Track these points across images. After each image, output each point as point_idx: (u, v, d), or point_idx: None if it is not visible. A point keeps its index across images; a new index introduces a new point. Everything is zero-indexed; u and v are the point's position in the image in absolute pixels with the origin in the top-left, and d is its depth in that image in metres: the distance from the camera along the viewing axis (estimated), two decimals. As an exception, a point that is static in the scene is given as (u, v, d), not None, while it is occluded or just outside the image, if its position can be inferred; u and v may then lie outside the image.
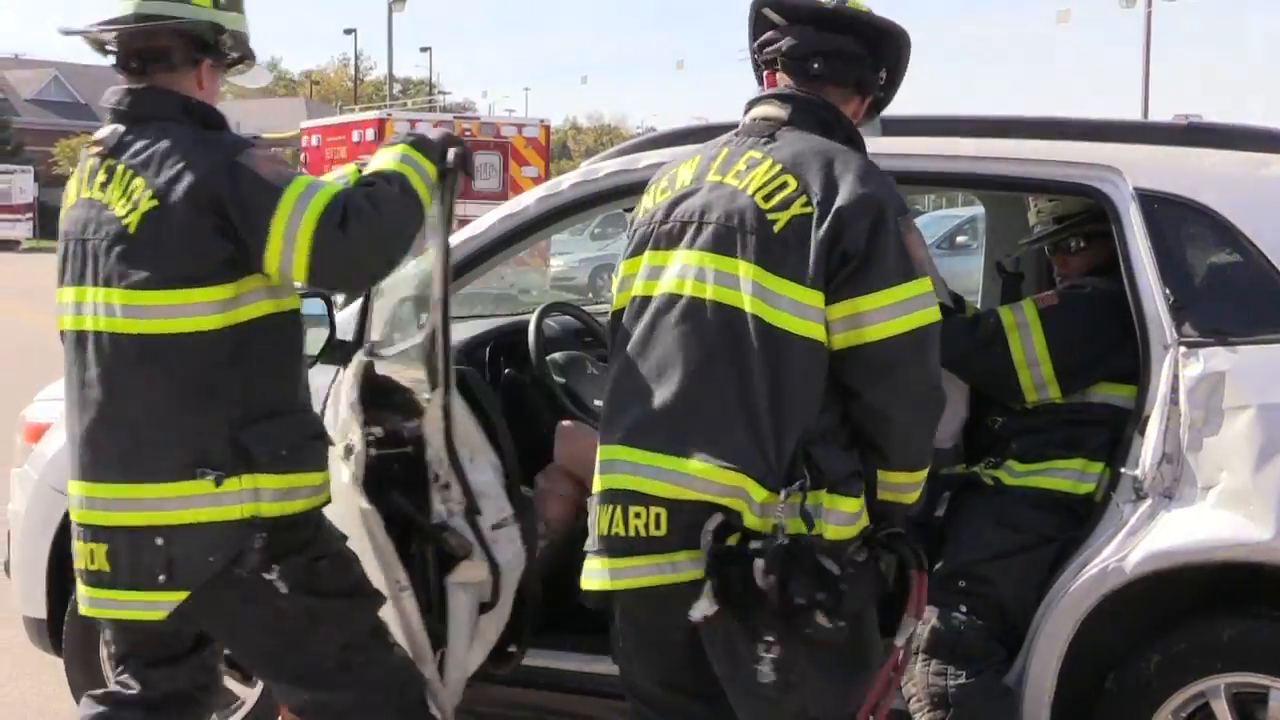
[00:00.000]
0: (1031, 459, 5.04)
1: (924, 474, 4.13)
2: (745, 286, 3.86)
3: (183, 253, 4.05)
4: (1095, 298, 5.12)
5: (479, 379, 4.92)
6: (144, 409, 4.14)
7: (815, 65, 4.11)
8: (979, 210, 9.65)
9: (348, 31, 79.74)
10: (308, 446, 4.28)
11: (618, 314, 4.14)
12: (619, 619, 4.09)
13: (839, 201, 3.82)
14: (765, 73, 4.25)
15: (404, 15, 62.68)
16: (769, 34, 4.20)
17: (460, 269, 5.50)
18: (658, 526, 3.83)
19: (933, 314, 3.88)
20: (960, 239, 25.63)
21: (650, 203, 4.17)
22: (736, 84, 4.35)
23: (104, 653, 5.81)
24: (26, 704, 4.56)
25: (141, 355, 4.11)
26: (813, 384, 3.85)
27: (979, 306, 5.92)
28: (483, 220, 5.65)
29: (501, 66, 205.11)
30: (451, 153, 4.37)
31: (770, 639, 3.76)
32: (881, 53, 4.19)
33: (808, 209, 3.85)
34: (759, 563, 3.67)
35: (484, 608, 4.78)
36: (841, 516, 3.87)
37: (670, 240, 4.03)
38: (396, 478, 4.71)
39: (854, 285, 3.81)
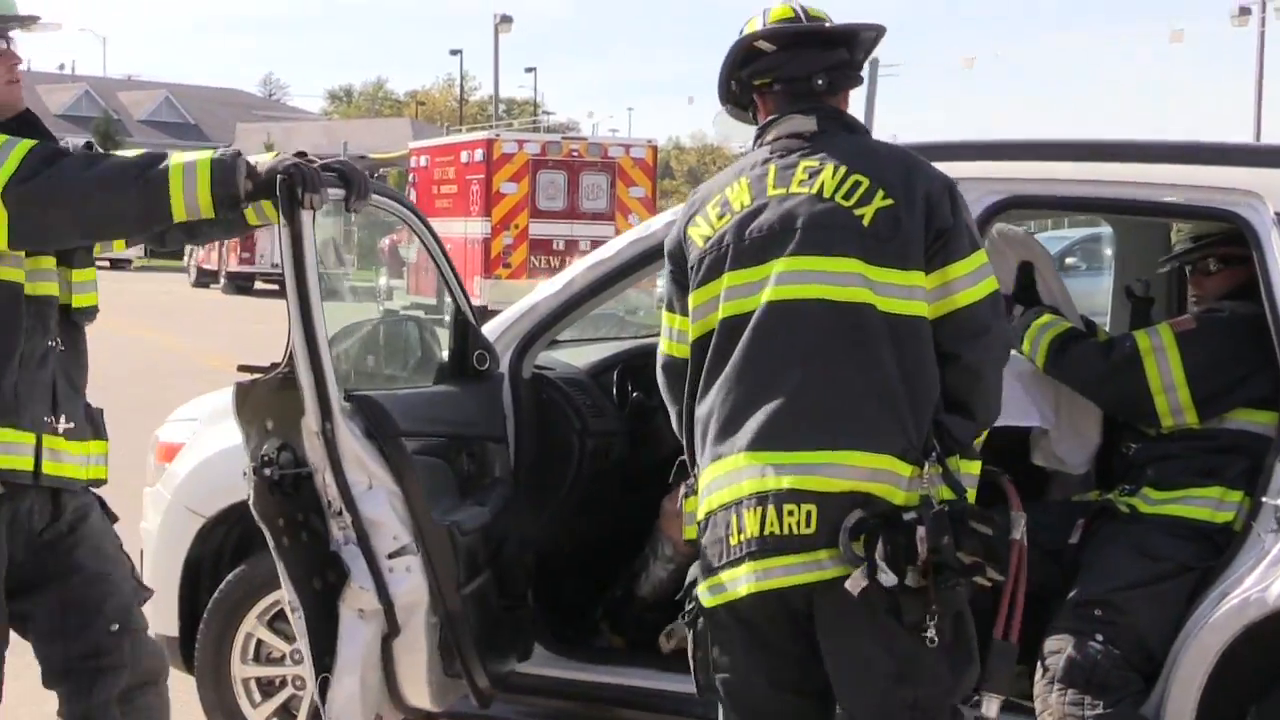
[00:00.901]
0: (1168, 486, 4.98)
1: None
2: (853, 280, 4.04)
3: None
4: (1233, 322, 5.05)
5: (379, 407, 4.83)
6: None
7: (819, 82, 4.29)
8: (1089, 231, 9.55)
9: (454, 52, 79.86)
10: None
11: (700, 341, 4.22)
12: (726, 624, 4.13)
13: (923, 187, 4.11)
14: (756, 97, 4.41)
15: (509, 36, 62.88)
16: (761, 62, 4.35)
17: (593, 291, 5.57)
18: (808, 524, 3.91)
19: (995, 282, 4.19)
20: (1070, 260, 25.41)
21: (708, 230, 4.24)
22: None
23: (235, 671, 5.88)
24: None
25: None
26: (933, 358, 4.08)
27: (1108, 331, 5.85)
28: (614, 243, 5.65)
29: (606, 86, 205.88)
30: (275, 176, 4.22)
31: (934, 609, 3.89)
32: (861, 54, 4.43)
33: (888, 201, 4.06)
34: (921, 530, 3.81)
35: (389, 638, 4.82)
36: (971, 479, 4.13)
37: (756, 256, 4.13)
38: (312, 501, 4.75)
39: (944, 255, 4.09)
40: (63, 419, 4.45)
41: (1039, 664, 4.82)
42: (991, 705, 4.35)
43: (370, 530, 4.72)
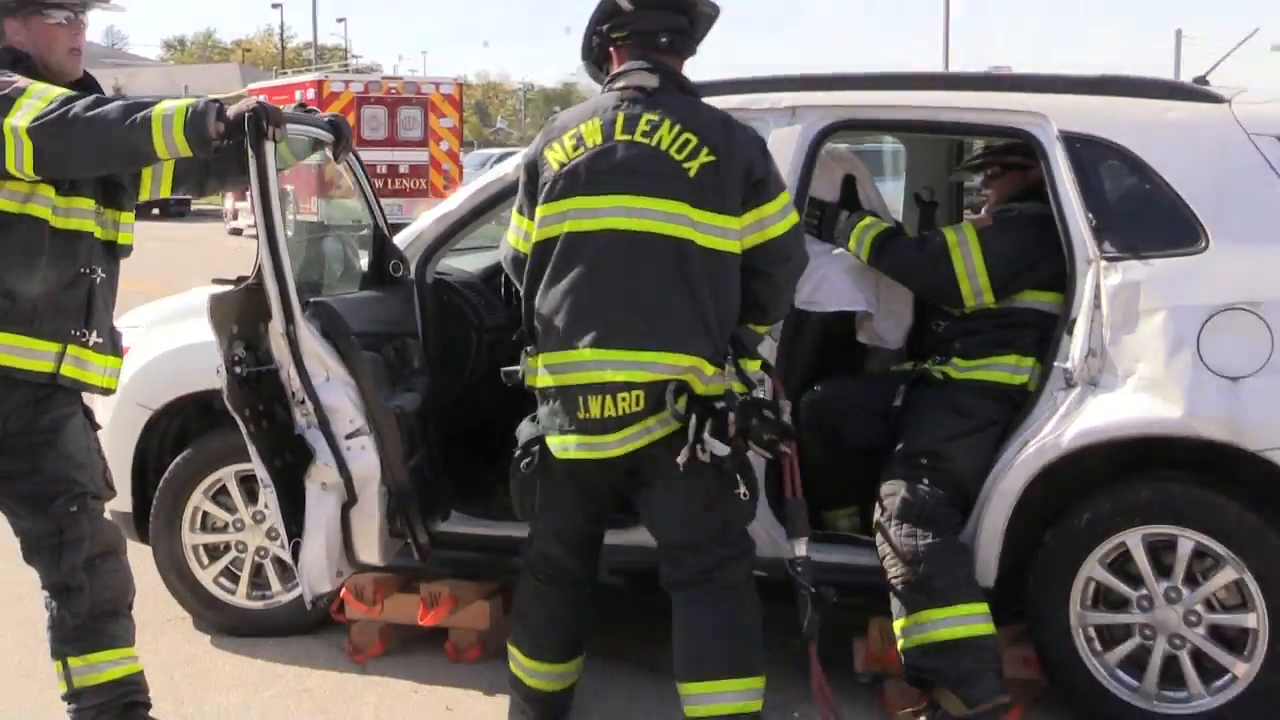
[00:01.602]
0: (973, 356, 5.08)
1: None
2: (680, 220, 4.33)
3: None
4: (1023, 219, 5.15)
5: (333, 311, 4.80)
6: None
7: (664, 40, 4.53)
8: (869, 146, 9.66)
9: (275, 5, 78.01)
10: None
11: (543, 244, 4.46)
12: (558, 473, 4.49)
13: (739, 145, 4.41)
14: (612, 49, 4.61)
15: (323, -9, 61.36)
16: (618, 19, 4.56)
17: (483, 209, 5.55)
18: (638, 404, 4.30)
19: (796, 216, 4.58)
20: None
21: (563, 156, 4.46)
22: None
23: (185, 539, 5.76)
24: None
25: None
26: (736, 285, 4.42)
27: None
28: (500, 168, 5.62)
29: (404, 33, 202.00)
30: (244, 115, 4.22)
31: (738, 472, 4.37)
32: (700, 26, 4.65)
33: (712, 157, 4.35)
34: (731, 415, 4.25)
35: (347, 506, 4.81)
36: (755, 375, 4.54)
37: (601, 187, 4.38)
38: (276, 392, 4.74)
39: (757, 198, 4.41)
40: (94, 334, 4.42)
41: (876, 505, 4.91)
42: (800, 546, 4.63)
43: (330, 416, 4.67)
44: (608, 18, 4.60)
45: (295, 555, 4.73)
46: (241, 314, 4.64)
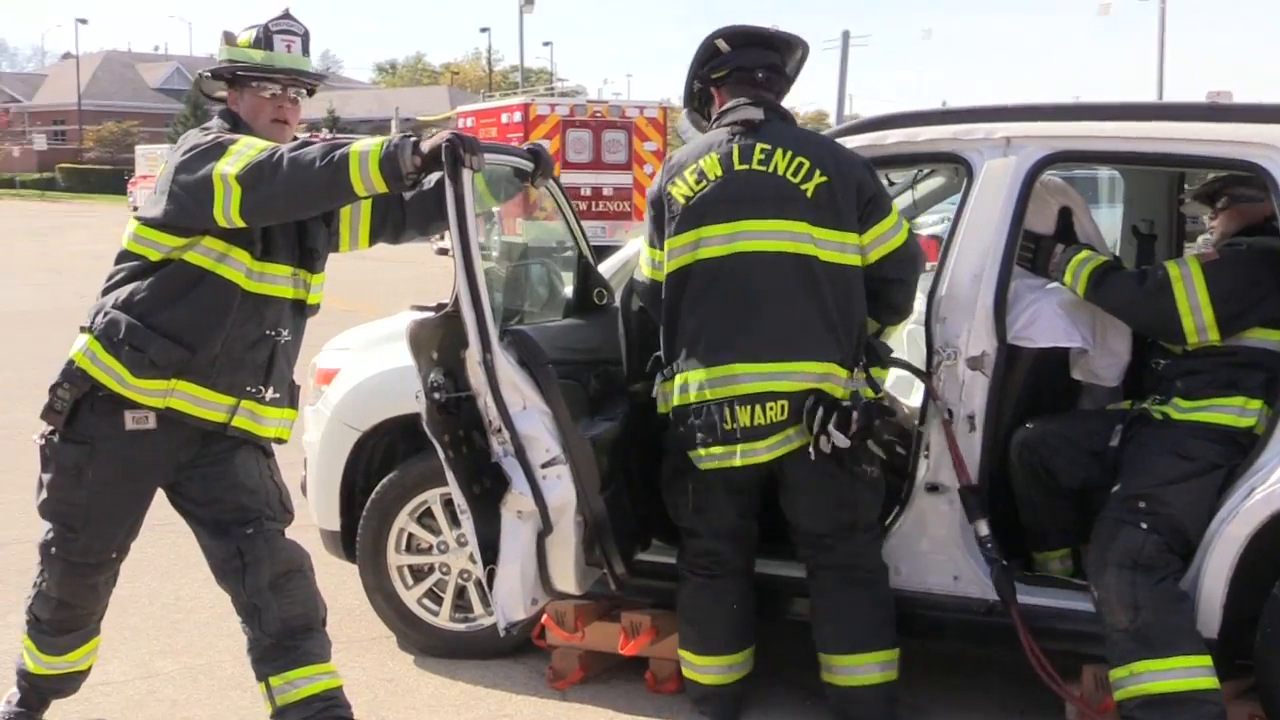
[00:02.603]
0: (1195, 396, 4.87)
1: None
2: (803, 238, 4.77)
3: None
4: (1251, 253, 4.92)
5: (530, 340, 4.81)
6: None
7: (760, 75, 5.00)
8: (1084, 173, 9.36)
9: (483, 29, 79.76)
10: None
11: (678, 273, 4.89)
12: (712, 481, 4.89)
13: (848, 167, 4.85)
14: (714, 90, 5.09)
15: (531, 15, 62.46)
16: (717, 60, 5.05)
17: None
18: (782, 414, 4.73)
19: (908, 224, 5.04)
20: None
21: (688, 190, 4.89)
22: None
23: (390, 560, 5.81)
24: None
25: None
26: (861, 295, 4.86)
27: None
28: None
29: (609, 57, 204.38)
30: (440, 147, 4.26)
31: (861, 466, 4.78)
32: (792, 64, 5.15)
33: (825, 178, 4.78)
34: (855, 414, 4.63)
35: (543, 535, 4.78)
36: (882, 381, 5.00)
37: (728, 215, 4.81)
38: (475, 420, 4.71)
39: (875, 215, 4.84)
40: (270, 390, 4.59)
41: (1090, 548, 4.73)
42: (982, 526, 4.89)
43: (526, 444, 4.65)
44: (708, 59, 5.08)
45: (490, 582, 4.72)
46: (441, 341, 4.65)
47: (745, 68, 5.02)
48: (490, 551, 4.72)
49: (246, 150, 4.27)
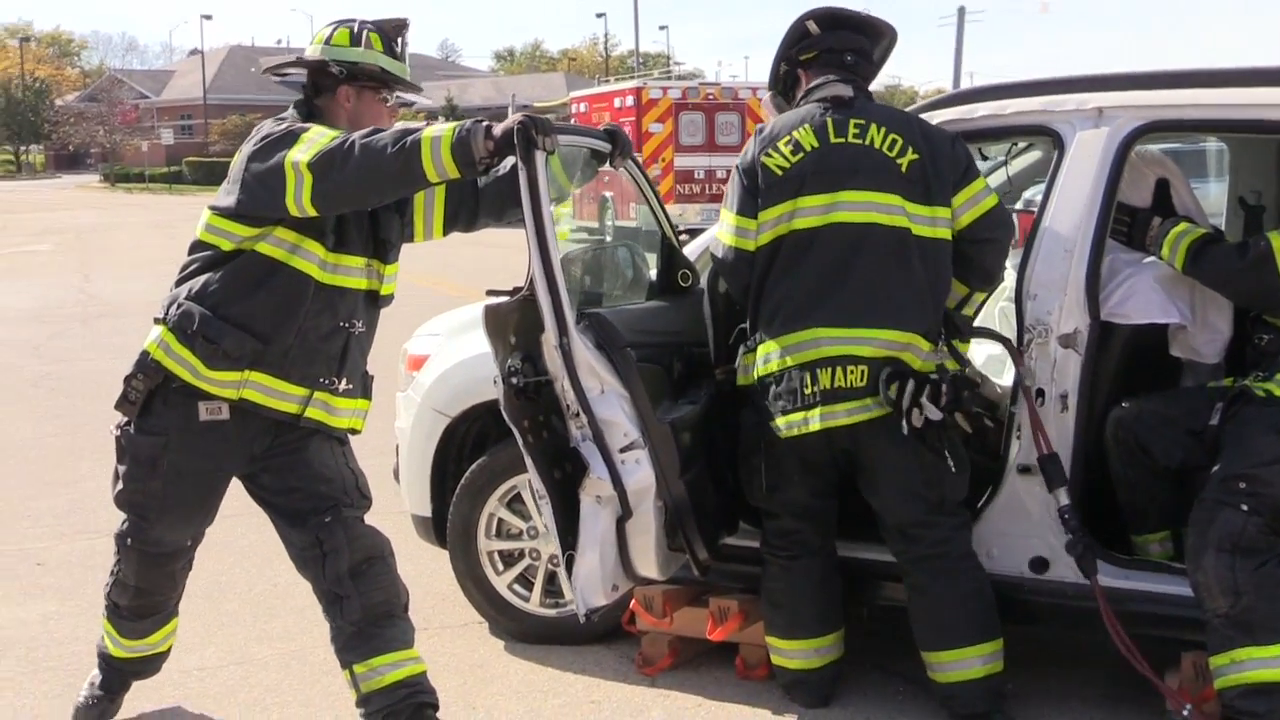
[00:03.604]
0: (1300, 373, 4.68)
1: None
2: (897, 211, 4.77)
3: None
4: (1358, 225, 4.72)
5: (608, 323, 4.73)
6: None
7: (849, 58, 5.03)
8: (1187, 146, 9.08)
9: (599, 15, 79.84)
10: None
11: (769, 244, 4.88)
12: (785, 453, 4.86)
13: (938, 142, 4.86)
14: (800, 72, 5.09)
15: None
16: (806, 41, 5.06)
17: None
18: (862, 379, 4.68)
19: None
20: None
21: (783, 161, 4.86)
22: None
23: (480, 545, 5.80)
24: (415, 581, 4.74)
25: None
26: (949, 269, 4.86)
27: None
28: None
29: (726, 39, 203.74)
30: (512, 130, 4.19)
31: (948, 445, 4.69)
32: (878, 50, 5.17)
33: (916, 155, 4.80)
34: (944, 387, 4.58)
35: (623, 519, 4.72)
36: (963, 356, 4.95)
37: (824, 185, 4.81)
38: (554, 404, 4.64)
39: (967, 179, 4.85)
40: (344, 382, 4.59)
41: (1189, 529, 4.58)
42: (1062, 495, 4.76)
43: (604, 429, 4.59)
44: (796, 41, 5.08)
45: (569, 568, 4.67)
46: (519, 325, 4.60)
47: (834, 50, 5.03)
48: (570, 537, 4.66)
49: (318, 138, 4.26)
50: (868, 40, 5.11)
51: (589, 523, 4.65)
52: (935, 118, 5.19)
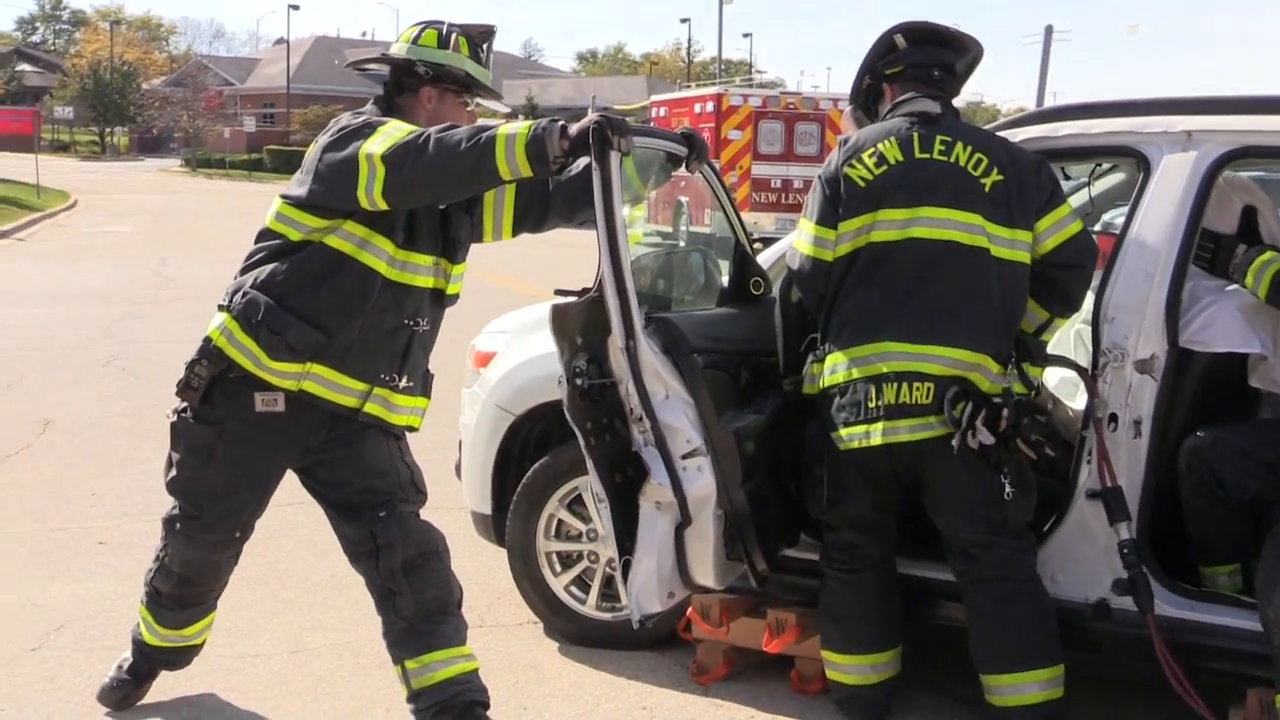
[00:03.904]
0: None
1: None
2: (977, 231, 4.71)
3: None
4: None
5: (675, 328, 4.68)
6: None
7: (936, 74, 4.97)
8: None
9: (683, 20, 80.00)
10: None
11: (847, 255, 4.83)
12: (845, 468, 4.81)
13: (1024, 166, 4.80)
14: (886, 86, 5.05)
15: (731, 6, 62.39)
16: (893, 55, 5.01)
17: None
18: (927, 397, 4.61)
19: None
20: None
21: (866, 173, 4.80)
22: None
23: (539, 545, 5.78)
24: (469, 577, 4.73)
25: None
26: (1025, 293, 4.79)
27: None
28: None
29: (809, 50, 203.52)
30: (588, 129, 4.18)
31: (1008, 467, 4.58)
32: (964, 65, 5.09)
33: (1001, 176, 4.73)
34: (1005, 410, 4.50)
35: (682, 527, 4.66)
36: (1036, 379, 4.83)
37: (906, 200, 4.75)
38: (618, 407, 4.59)
39: (1052, 204, 4.78)
40: (404, 379, 4.57)
41: (1260, 564, 4.49)
42: (1123, 529, 4.70)
43: (667, 434, 4.55)
44: (884, 54, 5.04)
45: (625, 573, 4.64)
46: (585, 326, 4.57)
47: (921, 65, 4.99)
48: (627, 542, 4.63)
49: (394, 132, 4.24)
50: (954, 55, 5.05)
51: (647, 528, 4.61)
52: (1019, 135, 5.13)
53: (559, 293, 4.79)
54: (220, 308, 4.51)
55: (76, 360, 13.10)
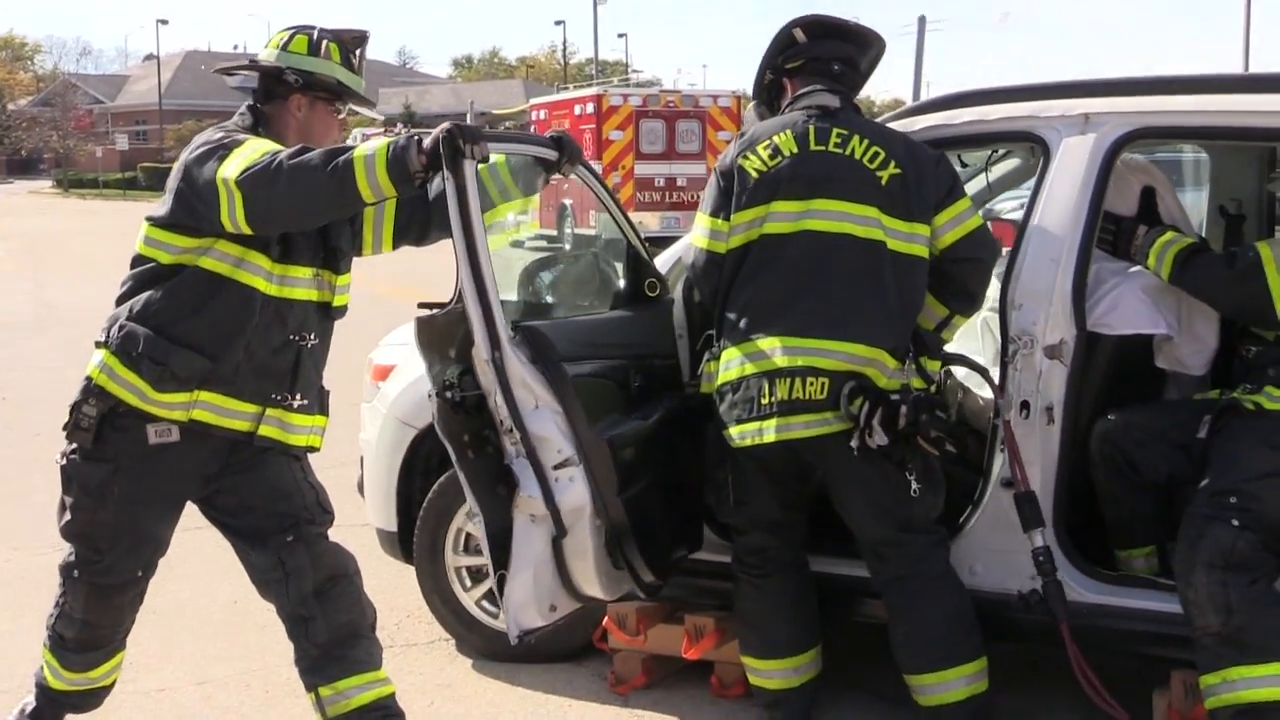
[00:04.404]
0: (1290, 385, 4.57)
1: None
2: (873, 223, 4.63)
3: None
4: (1348, 235, 4.63)
5: (542, 336, 4.56)
6: None
7: (836, 68, 4.90)
8: (1165, 155, 9.02)
9: (558, 22, 79.99)
10: None
11: (738, 248, 4.73)
12: (748, 468, 4.69)
13: (923, 160, 4.71)
14: (786, 80, 4.97)
15: (605, 6, 62.41)
16: (792, 49, 4.93)
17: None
18: (821, 392, 4.50)
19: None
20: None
21: (760, 165, 4.72)
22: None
23: (448, 560, 5.65)
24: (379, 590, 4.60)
25: None
26: (923, 287, 4.69)
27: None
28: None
29: (684, 49, 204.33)
30: (438, 139, 4.05)
31: (912, 464, 4.49)
32: (865, 60, 5.02)
33: (898, 170, 4.65)
34: (904, 408, 4.39)
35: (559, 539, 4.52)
36: (934, 373, 4.75)
37: (801, 192, 4.67)
38: (490, 419, 4.45)
39: (951, 198, 4.70)
40: (298, 397, 4.41)
41: (1178, 545, 4.47)
42: (1037, 536, 4.65)
43: (537, 445, 4.41)
44: (782, 49, 4.95)
45: (500, 588, 4.49)
46: (456, 338, 4.44)
47: (821, 59, 4.90)
48: (503, 556, 4.48)
49: (249, 153, 4.08)
50: (855, 49, 4.97)
51: (522, 542, 4.47)
52: (917, 123, 5.09)
53: (423, 306, 4.64)
54: (97, 344, 4.32)
55: (-46, 390, 12.70)
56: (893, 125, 5.05)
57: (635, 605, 5.29)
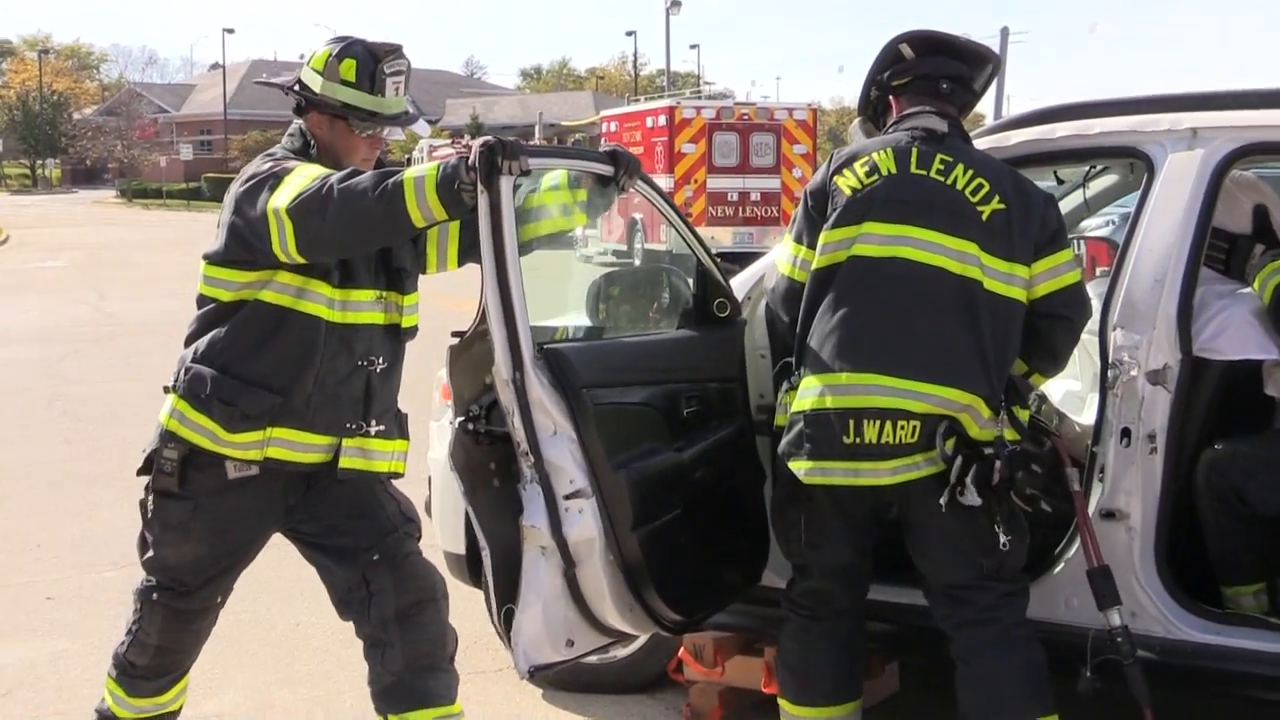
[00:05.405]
0: None
1: None
2: (970, 260, 4.39)
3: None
4: None
5: (566, 360, 4.42)
6: None
7: (945, 86, 4.64)
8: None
9: (629, 33, 79.96)
10: None
11: (825, 271, 4.51)
12: (825, 508, 4.48)
13: (1029, 198, 4.48)
14: (892, 98, 4.73)
15: (678, 17, 62.61)
16: (900, 65, 4.70)
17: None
18: (913, 436, 4.29)
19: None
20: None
21: (856, 182, 4.51)
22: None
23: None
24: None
25: None
26: (1019, 333, 4.45)
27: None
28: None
29: (757, 60, 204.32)
30: (475, 156, 3.97)
31: (1000, 515, 4.28)
32: (979, 78, 4.75)
33: (1002, 205, 4.40)
34: (998, 463, 4.20)
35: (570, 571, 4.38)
36: (1023, 426, 4.42)
37: (895, 215, 4.45)
38: (505, 454, 4.35)
39: (1053, 246, 4.46)
40: (374, 423, 4.37)
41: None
42: (1114, 615, 4.42)
43: (551, 472, 4.31)
44: (889, 65, 4.73)
45: (508, 623, 4.36)
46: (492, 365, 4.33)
47: (930, 76, 4.66)
48: (511, 590, 4.36)
49: (300, 180, 4.05)
50: (966, 67, 4.71)
51: (531, 575, 4.36)
52: (1010, 138, 4.97)
53: (456, 335, 4.50)
54: (166, 389, 4.31)
55: (16, 404, 12.79)
56: (985, 140, 4.94)
57: (712, 636, 5.20)
